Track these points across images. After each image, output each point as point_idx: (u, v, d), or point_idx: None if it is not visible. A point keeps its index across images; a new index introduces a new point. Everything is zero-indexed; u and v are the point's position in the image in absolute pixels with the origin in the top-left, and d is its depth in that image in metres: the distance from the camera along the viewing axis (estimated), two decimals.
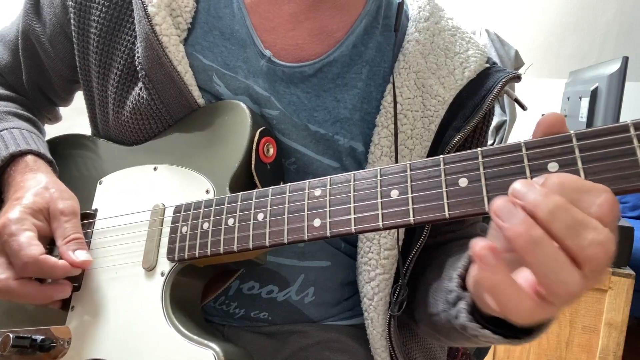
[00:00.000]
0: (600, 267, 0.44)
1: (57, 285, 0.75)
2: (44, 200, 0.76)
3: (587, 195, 0.45)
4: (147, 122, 0.84)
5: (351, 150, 0.83)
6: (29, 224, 0.73)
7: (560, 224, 0.44)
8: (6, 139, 0.84)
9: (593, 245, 0.43)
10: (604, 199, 0.44)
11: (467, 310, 0.66)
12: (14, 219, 0.73)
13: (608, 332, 1.91)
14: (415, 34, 0.85)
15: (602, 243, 0.43)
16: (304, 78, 0.82)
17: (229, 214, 0.68)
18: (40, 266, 0.70)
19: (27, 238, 0.71)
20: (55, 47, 0.94)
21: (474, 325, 0.64)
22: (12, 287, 0.71)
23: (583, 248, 0.43)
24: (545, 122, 0.50)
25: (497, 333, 0.63)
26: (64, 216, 0.76)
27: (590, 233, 0.43)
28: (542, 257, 0.44)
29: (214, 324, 0.86)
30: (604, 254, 0.43)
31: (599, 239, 0.43)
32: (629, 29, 3.53)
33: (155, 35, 0.79)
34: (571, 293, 0.45)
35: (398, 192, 0.56)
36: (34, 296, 0.73)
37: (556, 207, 0.44)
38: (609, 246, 0.44)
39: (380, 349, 0.83)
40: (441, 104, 0.82)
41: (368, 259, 0.82)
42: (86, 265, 0.74)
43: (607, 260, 0.44)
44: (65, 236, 0.75)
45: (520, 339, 0.63)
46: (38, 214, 0.75)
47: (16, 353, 0.73)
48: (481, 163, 0.52)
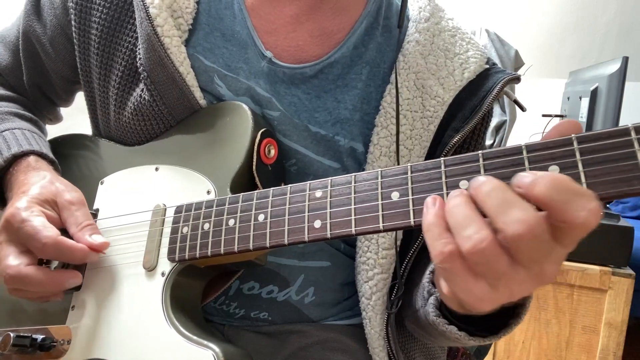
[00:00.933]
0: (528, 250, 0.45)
1: (68, 271, 0.75)
2: (50, 192, 0.77)
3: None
4: (148, 123, 0.84)
5: (351, 150, 0.83)
6: (38, 210, 0.73)
7: (492, 201, 0.46)
8: (8, 140, 0.85)
9: (515, 222, 0.44)
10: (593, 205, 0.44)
11: (434, 306, 0.68)
12: (23, 207, 0.73)
13: (608, 332, 1.91)
14: (416, 34, 0.85)
15: (525, 220, 0.44)
16: (304, 79, 0.83)
17: (230, 214, 0.68)
18: (59, 247, 0.70)
19: (40, 222, 0.71)
20: (56, 48, 0.94)
21: (440, 321, 0.67)
22: (24, 273, 0.70)
23: (507, 224, 0.45)
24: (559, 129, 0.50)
25: (462, 329, 0.65)
26: (74, 205, 0.76)
27: (516, 211, 0.45)
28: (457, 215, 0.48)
29: (214, 324, 0.86)
30: (527, 231, 0.44)
31: (523, 217, 0.44)
32: (629, 29, 3.53)
33: (157, 37, 0.79)
34: (481, 252, 0.46)
35: (399, 194, 0.56)
36: (46, 282, 0.72)
37: (492, 188, 0.47)
38: (534, 224, 0.44)
39: (378, 348, 0.83)
40: (440, 104, 0.82)
41: (366, 258, 0.82)
42: (104, 247, 0.74)
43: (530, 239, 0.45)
44: (78, 223, 0.75)
45: (485, 337, 0.65)
46: (45, 204, 0.75)
47: (16, 352, 0.73)
48: (482, 165, 0.52)
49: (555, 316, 1.98)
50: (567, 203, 0.44)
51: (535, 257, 0.46)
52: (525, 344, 2.02)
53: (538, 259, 0.46)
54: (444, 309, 0.68)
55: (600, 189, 0.46)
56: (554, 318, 1.98)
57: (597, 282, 1.91)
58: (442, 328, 0.67)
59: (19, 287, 0.72)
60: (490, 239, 0.46)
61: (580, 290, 1.94)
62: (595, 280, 1.91)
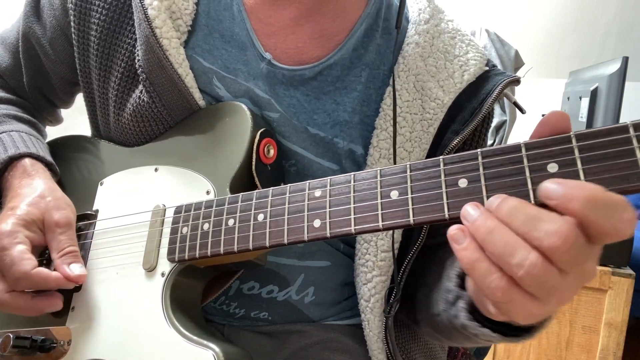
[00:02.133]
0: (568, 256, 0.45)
1: (48, 298, 0.75)
2: (38, 210, 0.76)
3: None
4: (148, 124, 0.84)
5: (350, 152, 0.83)
6: (21, 236, 0.73)
7: (518, 221, 0.46)
8: (5, 142, 0.85)
9: (548, 235, 0.44)
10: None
11: (466, 309, 0.66)
12: (6, 231, 0.73)
13: (608, 332, 1.91)
14: (415, 36, 0.85)
15: (557, 232, 0.44)
16: (303, 81, 0.82)
17: (230, 214, 0.68)
18: (32, 280, 0.71)
19: (19, 252, 0.72)
20: (55, 49, 0.94)
21: (473, 324, 0.65)
22: (3, 300, 0.72)
23: (540, 240, 0.45)
24: (551, 122, 0.50)
25: (496, 331, 0.64)
26: (59, 228, 0.76)
27: (545, 224, 0.45)
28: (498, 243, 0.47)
29: (214, 324, 0.86)
30: (561, 242, 0.44)
31: (553, 228, 0.44)
32: (629, 29, 3.53)
33: (155, 38, 0.79)
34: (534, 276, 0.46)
35: (398, 193, 0.56)
36: (25, 309, 0.73)
37: (512, 207, 0.47)
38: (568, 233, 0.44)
39: (377, 350, 0.83)
40: (440, 107, 0.82)
41: (365, 260, 0.82)
42: (81, 280, 0.75)
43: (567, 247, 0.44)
44: (60, 249, 0.75)
45: (519, 337, 0.64)
46: (32, 225, 0.76)
47: (16, 353, 0.74)
48: (481, 164, 0.52)
49: (555, 316, 1.98)
50: (604, 218, 0.44)
51: (576, 262, 0.46)
52: (525, 344, 2.02)
53: (579, 262, 0.46)
54: (475, 311, 0.66)
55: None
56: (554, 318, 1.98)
57: (597, 282, 1.91)
58: (474, 331, 0.65)
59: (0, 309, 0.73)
60: (540, 260, 0.45)
61: (580, 290, 1.94)
62: (595, 280, 1.91)
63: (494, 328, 0.64)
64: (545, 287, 0.46)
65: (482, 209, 0.49)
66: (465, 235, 0.49)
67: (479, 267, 0.48)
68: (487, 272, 0.48)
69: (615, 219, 0.44)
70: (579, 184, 0.45)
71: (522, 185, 0.49)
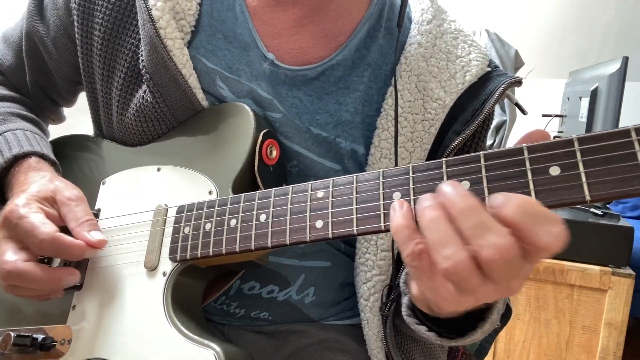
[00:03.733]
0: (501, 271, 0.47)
1: (66, 269, 0.74)
2: (49, 189, 0.76)
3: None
4: (151, 124, 0.84)
5: (352, 152, 0.83)
6: (36, 207, 0.73)
7: (467, 222, 0.48)
8: (9, 141, 0.85)
9: (490, 247, 0.46)
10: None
11: (407, 306, 0.70)
12: (22, 204, 0.72)
13: (608, 332, 1.91)
14: (418, 36, 0.85)
15: (500, 246, 0.46)
16: (306, 81, 0.83)
17: (232, 214, 0.68)
18: (57, 244, 0.70)
19: (39, 218, 0.71)
20: (58, 48, 0.94)
21: (411, 320, 0.69)
22: (22, 269, 0.70)
23: (482, 247, 0.46)
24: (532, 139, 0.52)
25: (432, 330, 0.68)
26: (73, 201, 0.76)
27: (492, 236, 0.46)
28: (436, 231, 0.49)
29: (214, 323, 0.87)
30: (500, 257, 0.46)
31: (498, 242, 0.46)
32: (629, 29, 3.53)
33: (159, 39, 0.79)
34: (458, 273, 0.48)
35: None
36: (43, 279, 0.71)
37: (468, 206, 0.48)
38: (508, 249, 0.46)
39: (377, 349, 0.83)
40: (442, 107, 0.82)
41: (365, 259, 0.82)
42: (102, 244, 0.74)
43: (503, 263, 0.46)
44: (77, 218, 0.74)
45: (453, 339, 0.67)
46: (44, 201, 0.75)
47: (17, 352, 0.73)
48: (483, 166, 0.52)
49: (555, 316, 1.98)
50: (533, 227, 0.46)
51: (505, 277, 0.48)
52: (525, 344, 2.03)
53: (508, 278, 0.48)
54: (417, 309, 0.69)
55: (601, 189, 0.46)
56: (554, 318, 1.98)
57: (597, 282, 1.91)
58: (412, 327, 0.69)
59: (16, 283, 0.71)
60: (468, 261, 0.47)
61: (580, 290, 1.94)
62: (595, 280, 1.91)
63: (431, 327, 0.68)
64: (464, 284, 0.49)
65: (437, 199, 0.50)
66: (402, 207, 0.53)
67: (403, 232, 0.52)
68: (408, 238, 0.51)
69: (543, 231, 0.46)
70: (516, 195, 0.47)
71: (524, 187, 0.49)
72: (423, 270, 0.52)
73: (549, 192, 0.48)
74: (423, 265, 0.51)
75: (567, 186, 0.47)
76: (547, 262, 1.94)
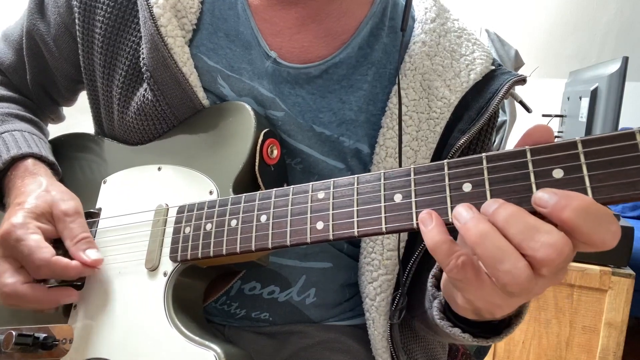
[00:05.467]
0: (556, 267, 0.47)
1: (63, 289, 0.75)
2: (46, 203, 0.76)
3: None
4: (151, 122, 0.84)
5: (356, 151, 0.83)
6: (33, 227, 0.73)
7: (515, 229, 0.47)
8: (7, 142, 0.84)
9: (545, 247, 0.46)
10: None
11: (438, 309, 0.69)
12: (18, 224, 0.73)
13: (608, 332, 1.91)
14: (422, 35, 0.85)
15: (554, 245, 0.45)
16: (309, 79, 0.82)
17: (232, 215, 0.68)
18: (53, 268, 0.71)
19: (35, 241, 0.72)
20: (59, 47, 0.93)
21: (444, 324, 0.68)
22: (20, 292, 0.72)
23: (535, 250, 0.46)
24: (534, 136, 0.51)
25: (466, 331, 0.67)
26: (69, 217, 0.76)
27: (543, 236, 0.46)
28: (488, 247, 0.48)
29: (215, 324, 0.87)
30: (556, 255, 0.46)
31: (551, 241, 0.46)
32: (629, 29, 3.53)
33: (160, 37, 0.79)
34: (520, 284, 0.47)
35: (402, 196, 0.56)
36: (42, 300, 0.73)
37: (510, 214, 0.48)
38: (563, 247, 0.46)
39: (382, 349, 0.83)
40: (447, 106, 0.82)
41: (371, 259, 0.82)
42: (98, 263, 0.75)
43: (560, 260, 0.46)
44: (73, 236, 0.75)
45: (488, 338, 0.67)
46: (41, 217, 0.76)
47: (18, 351, 0.73)
48: (485, 168, 0.52)
49: (555, 316, 1.98)
50: (593, 228, 0.45)
51: (558, 272, 0.48)
52: (525, 344, 2.03)
53: (560, 272, 0.48)
54: (448, 311, 0.68)
55: (604, 192, 0.46)
56: (554, 318, 1.98)
57: (597, 282, 1.91)
58: (446, 330, 0.68)
59: (15, 304, 0.73)
60: (528, 270, 0.47)
61: (580, 290, 1.94)
62: (595, 280, 1.91)
63: (465, 328, 0.67)
64: (522, 291, 0.48)
65: (474, 210, 0.50)
66: (432, 219, 0.52)
67: (442, 248, 0.51)
68: (448, 252, 0.50)
69: (603, 230, 0.45)
70: (571, 194, 0.46)
71: (526, 190, 0.49)
72: (470, 282, 0.51)
73: None
74: (469, 277, 0.51)
75: (571, 189, 0.47)
76: None
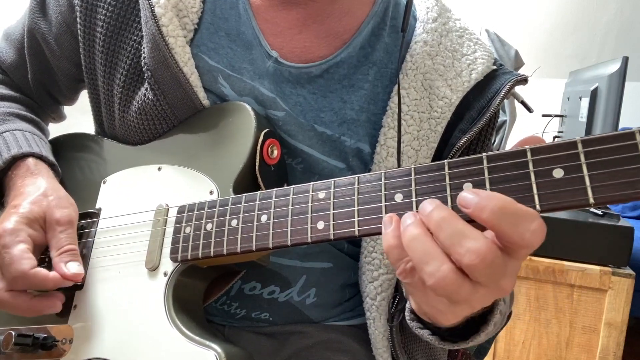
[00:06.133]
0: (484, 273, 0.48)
1: (48, 299, 0.75)
2: (41, 208, 0.77)
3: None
4: (152, 122, 0.84)
5: (358, 151, 0.83)
6: (23, 235, 0.74)
7: (445, 233, 0.49)
8: (8, 141, 0.84)
9: (469, 253, 0.47)
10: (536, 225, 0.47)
11: (410, 310, 0.71)
12: (9, 229, 0.73)
13: (608, 332, 1.91)
14: (423, 34, 0.85)
15: (476, 250, 0.47)
16: (310, 79, 0.82)
17: (233, 215, 0.68)
18: (29, 280, 0.71)
19: (19, 251, 0.72)
20: (61, 45, 0.93)
21: (414, 324, 0.70)
22: (2, 299, 0.72)
23: (461, 255, 0.47)
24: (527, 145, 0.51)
25: (435, 333, 0.69)
26: (60, 226, 0.76)
27: (469, 242, 0.47)
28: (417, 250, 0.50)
29: (215, 324, 0.87)
30: (479, 261, 0.47)
31: (474, 247, 0.47)
32: (629, 29, 3.54)
33: (161, 37, 0.79)
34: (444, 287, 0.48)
35: (402, 196, 0.56)
36: (23, 309, 0.73)
37: (442, 218, 0.49)
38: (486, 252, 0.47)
39: (382, 349, 0.83)
40: (448, 105, 0.82)
41: (372, 258, 0.82)
42: (77, 278, 0.74)
43: (484, 266, 0.47)
44: (59, 247, 0.75)
45: (455, 342, 0.69)
46: (34, 223, 0.76)
47: (18, 351, 0.73)
48: (486, 168, 0.52)
49: (555, 316, 1.98)
50: (512, 226, 0.46)
51: (492, 278, 0.48)
52: (525, 344, 2.03)
53: (495, 278, 0.49)
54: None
55: (604, 192, 0.46)
56: (554, 318, 1.98)
57: (597, 282, 1.91)
58: (415, 332, 0.70)
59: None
60: (452, 273, 0.48)
61: (580, 290, 1.94)
62: (595, 280, 1.91)
63: (435, 331, 0.69)
64: (455, 296, 0.49)
65: (415, 217, 0.51)
66: (392, 223, 0.53)
67: (393, 252, 0.53)
68: (398, 257, 0.53)
69: (522, 229, 0.46)
70: (492, 194, 0.48)
71: (527, 190, 0.49)
72: (416, 287, 0.53)
73: (553, 195, 0.48)
74: (415, 282, 0.53)
75: (571, 189, 0.47)
76: (547, 262, 1.94)
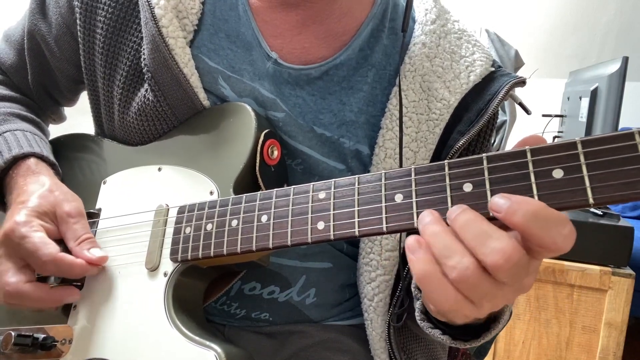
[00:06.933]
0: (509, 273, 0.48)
1: (66, 288, 0.75)
2: (48, 202, 0.77)
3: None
4: (152, 123, 0.84)
5: (357, 152, 0.83)
6: (37, 225, 0.74)
7: (469, 234, 0.49)
8: (9, 141, 0.84)
9: (493, 253, 0.47)
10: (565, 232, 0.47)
11: (420, 310, 0.71)
12: (22, 221, 0.73)
13: (608, 332, 1.91)
14: (422, 36, 0.85)
15: (501, 250, 0.47)
16: (309, 80, 0.82)
17: (233, 215, 0.68)
18: (58, 265, 0.71)
19: (40, 238, 0.72)
20: (61, 47, 0.93)
21: (425, 324, 0.70)
22: (23, 291, 0.71)
23: (486, 255, 0.47)
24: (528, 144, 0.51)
25: (447, 333, 0.69)
26: (72, 218, 0.76)
27: (493, 242, 0.47)
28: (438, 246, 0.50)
29: (215, 324, 0.87)
30: (504, 260, 0.47)
31: (499, 247, 0.47)
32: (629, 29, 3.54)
33: (162, 38, 0.79)
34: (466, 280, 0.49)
35: (402, 196, 0.56)
36: (45, 299, 0.73)
37: (467, 220, 0.49)
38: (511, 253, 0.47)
39: (380, 350, 0.83)
40: (446, 107, 0.82)
41: (369, 259, 0.82)
42: (103, 261, 0.76)
43: (509, 266, 0.47)
44: (76, 237, 0.75)
45: (467, 341, 0.68)
46: (44, 217, 0.76)
47: (17, 351, 0.73)
48: (486, 168, 0.52)
49: (555, 316, 1.98)
50: (544, 231, 0.46)
51: (516, 277, 0.49)
52: (525, 344, 2.03)
53: (518, 278, 0.49)
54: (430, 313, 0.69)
55: (604, 192, 0.46)
56: (554, 318, 1.99)
57: (597, 282, 1.91)
58: (427, 331, 0.70)
59: (17, 303, 0.73)
60: (473, 266, 0.48)
61: (580, 290, 1.94)
62: (595, 280, 1.91)
63: (445, 330, 0.69)
64: (477, 292, 0.49)
65: (435, 215, 0.52)
66: (420, 246, 0.52)
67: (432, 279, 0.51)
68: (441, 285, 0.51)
69: (554, 233, 0.46)
70: (524, 199, 0.47)
71: (527, 190, 0.49)
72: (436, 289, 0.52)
73: (552, 195, 0.48)
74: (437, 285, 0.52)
75: (571, 189, 0.47)
76: (547, 262, 1.95)
